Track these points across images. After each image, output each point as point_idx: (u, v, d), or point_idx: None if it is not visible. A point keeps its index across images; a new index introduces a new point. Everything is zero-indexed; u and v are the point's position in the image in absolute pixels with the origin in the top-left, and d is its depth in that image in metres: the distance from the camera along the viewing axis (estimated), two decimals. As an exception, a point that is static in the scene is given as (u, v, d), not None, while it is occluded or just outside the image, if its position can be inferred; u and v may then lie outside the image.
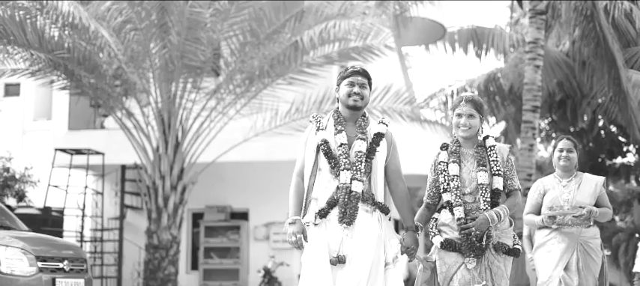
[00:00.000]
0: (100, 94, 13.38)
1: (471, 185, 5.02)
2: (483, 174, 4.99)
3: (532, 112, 13.00)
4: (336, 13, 12.16)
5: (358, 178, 4.82)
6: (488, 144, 5.10)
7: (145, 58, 12.79)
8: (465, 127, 5.02)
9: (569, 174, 6.59)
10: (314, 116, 5.11)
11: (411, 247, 4.97)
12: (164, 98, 13.18)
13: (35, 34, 11.96)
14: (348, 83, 4.99)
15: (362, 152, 4.88)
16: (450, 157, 5.09)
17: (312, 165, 4.93)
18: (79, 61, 12.49)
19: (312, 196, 4.92)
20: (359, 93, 4.96)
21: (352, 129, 4.97)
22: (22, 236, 8.69)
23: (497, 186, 5.01)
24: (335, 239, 4.79)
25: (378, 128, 5.02)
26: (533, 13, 13.17)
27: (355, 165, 4.85)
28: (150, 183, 13.33)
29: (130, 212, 16.91)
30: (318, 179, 4.93)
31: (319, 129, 5.00)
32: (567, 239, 6.41)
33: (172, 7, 12.04)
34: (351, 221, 4.78)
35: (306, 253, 4.85)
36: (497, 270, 4.96)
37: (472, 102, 5.04)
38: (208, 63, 12.93)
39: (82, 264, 8.96)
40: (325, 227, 4.84)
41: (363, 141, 4.91)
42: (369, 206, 4.87)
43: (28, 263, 8.23)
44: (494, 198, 5.00)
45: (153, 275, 13.40)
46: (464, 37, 18.56)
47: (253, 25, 12.59)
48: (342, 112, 5.04)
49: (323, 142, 4.92)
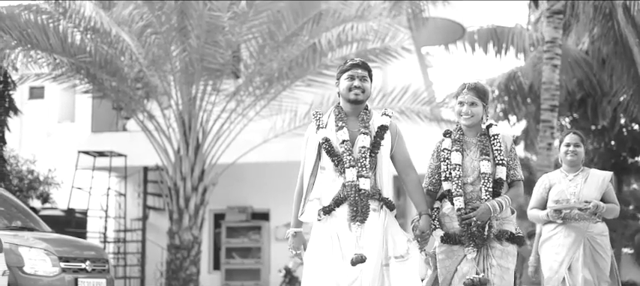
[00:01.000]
0: (122, 97, 13.58)
1: (473, 174, 4.88)
2: (486, 163, 4.84)
3: (550, 111, 13.03)
4: (354, 16, 12.25)
5: (365, 175, 4.67)
6: (492, 132, 4.95)
7: (165, 61, 12.97)
8: (467, 115, 4.88)
9: (575, 168, 6.47)
10: (314, 113, 4.95)
11: (425, 231, 4.82)
12: (185, 100, 13.35)
13: (58, 39, 12.17)
14: (348, 77, 4.83)
15: (366, 147, 4.71)
16: (453, 145, 4.94)
17: (312, 165, 4.76)
18: (101, 65, 12.69)
19: (315, 196, 4.75)
20: (360, 86, 4.80)
21: (354, 124, 4.80)
22: (45, 237, 8.88)
23: (500, 175, 4.87)
24: (345, 238, 4.65)
25: (382, 120, 4.85)
26: (550, 12, 13.19)
27: (360, 161, 4.69)
28: (171, 184, 13.50)
29: (152, 213, 17.11)
30: (321, 178, 4.77)
31: (320, 127, 4.84)
32: (574, 234, 6.29)
33: (191, 11, 12.20)
34: (364, 219, 4.64)
35: (309, 250, 4.76)
36: (502, 255, 4.83)
37: (474, 89, 4.88)
38: (228, 65, 13.09)
39: (104, 265, 9.13)
40: (327, 223, 4.71)
41: (367, 135, 4.74)
42: (376, 203, 4.75)
43: (51, 264, 8.42)
44: (497, 187, 4.86)
45: (175, 275, 13.57)
46: (484, 37, 18.60)
47: (272, 28, 12.73)
48: (344, 107, 4.88)
49: (324, 141, 4.76)
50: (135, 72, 13.24)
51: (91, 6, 12.22)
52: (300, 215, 4.78)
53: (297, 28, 12.55)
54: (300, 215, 4.78)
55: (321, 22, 12.44)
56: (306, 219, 4.79)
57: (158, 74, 13.17)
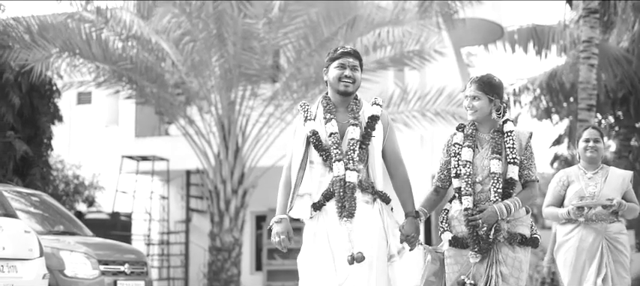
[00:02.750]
0: (163, 103, 13.89)
1: (482, 172, 4.57)
2: (496, 162, 4.51)
3: (588, 111, 12.95)
4: (388, 20, 12.36)
5: (352, 167, 4.38)
6: (506, 129, 4.61)
7: (204, 67, 13.24)
8: (470, 110, 4.61)
9: (595, 165, 6.08)
10: (301, 104, 4.63)
11: (410, 235, 4.49)
12: (224, 105, 13.60)
13: (100, 47, 12.53)
14: (338, 65, 4.51)
15: (355, 139, 4.42)
16: (465, 140, 4.64)
17: (301, 158, 4.49)
18: (142, 72, 13.02)
19: (305, 191, 4.48)
20: (350, 76, 4.50)
21: (343, 115, 4.51)
22: (86, 241, 9.17)
23: (511, 175, 4.53)
24: (336, 234, 4.37)
25: (372, 110, 4.54)
26: (586, 11, 13.12)
27: (348, 153, 4.41)
28: (212, 187, 13.77)
29: (195, 215, 17.42)
30: (311, 173, 4.49)
31: (307, 119, 4.54)
32: (592, 236, 5.91)
33: (227, 19, 12.44)
34: (351, 214, 4.35)
35: (303, 250, 4.50)
36: (513, 262, 4.51)
37: (477, 82, 4.60)
38: (265, 71, 13.30)
39: (143, 267, 9.40)
40: (320, 220, 4.45)
41: (356, 126, 4.44)
42: (368, 196, 4.46)
43: (90, 267, 8.70)
44: (508, 188, 4.54)
45: (216, 276, 13.83)
46: (524, 36, 18.53)
47: (307, 33, 12.91)
48: (332, 98, 4.57)
49: (312, 133, 4.48)
50: (175, 78, 13.54)
51: (131, 15, 12.55)
52: (289, 210, 4.49)
53: (332, 33, 12.71)
54: (289, 211, 4.49)
55: (355, 27, 12.58)
56: (295, 215, 4.50)
57: (197, 80, 13.45)
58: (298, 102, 13.75)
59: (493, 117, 4.60)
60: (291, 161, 4.58)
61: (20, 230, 7.37)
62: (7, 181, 12.03)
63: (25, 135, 12.98)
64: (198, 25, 12.63)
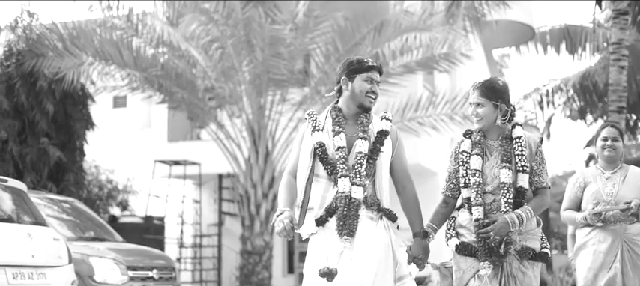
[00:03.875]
0: (193, 108, 14.06)
1: (492, 182, 4.41)
2: (506, 171, 4.37)
3: (618, 113, 12.82)
4: (415, 26, 12.39)
5: (358, 183, 4.23)
6: (514, 134, 4.45)
7: (233, 73, 13.39)
8: (476, 118, 4.46)
9: (613, 165, 5.81)
10: (309, 113, 4.47)
11: (418, 256, 4.35)
12: (254, 110, 13.73)
13: (130, 54, 12.74)
14: (367, 79, 4.37)
15: (363, 153, 4.28)
16: (473, 148, 4.48)
17: (307, 171, 4.33)
18: (172, 78, 13.20)
19: (311, 205, 4.33)
20: (376, 92, 4.40)
21: (353, 128, 4.35)
22: (115, 247, 9.35)
23: (521, 183, 4.38)
24: (333, 251, 4.21)
25: (382, 124, 4.39)
26: (616, 13, 13.01)
27: (355, 168, 4.25)
28: (242, 191, 13.91)
29: (227, 218, 17.58)
30: (315, 186, 4.34)
31: (315, 129, 4.38)
32: (610, 239, 5.66)
33: (255, 26, 12.58)
34: (352, 232, 4.19)
35: (306, 266, 4.36)
36: (524, 278, 4.36)
37: (480, 88, 4.44)
38: (293, 76, 13.41)
39: (171, 272, 9.56)
40: (322, 237, 4.29)
41: (365, 140, 4.30)
42: (374, 213, 4.31)
43: (119, 272, 8.87)
44: (519, 197, 4.37)
45: (248, 279, 13.96)
46: (556, 37, 18.42)
47: (335, 37, 12.99)
48: (345, 109, 4.42)
49: (319, 145, 4.32)
50: (205, 84, 13.71)
51: (160, 23, 12.74)
52: (299, 227, 4.32)
53: (360, 37, 12.78)
54: (299, 228, 4.31)
55: (383, 32, 12.63)
56: (304, 231, 4.34)
57: (227, 86, 13.60)
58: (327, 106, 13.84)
59: (498, 123, 4.44)
60: (293, 167, 4.45)
61: (49, 238, 7.54)
62: (42, 187, 12.30)
63: (59, 141, 13.23)
64: (226, 32, 12.78)
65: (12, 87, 12.63)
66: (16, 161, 12.24)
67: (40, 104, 12.86)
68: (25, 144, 12.59)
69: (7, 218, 7.42)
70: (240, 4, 12.83)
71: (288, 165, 4.49)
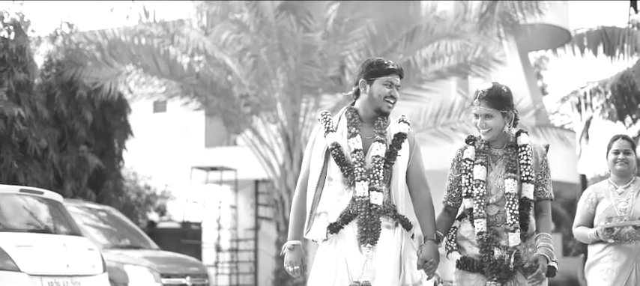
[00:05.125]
0: (229, 115, 14.25)
1: (497, 193, 4.21)
2: (511, 181, 4.17)
3: (655, 117, 12.80)
4: (448, 32, 12.42)
5: (377, 188, 4.06)
6: (520, 142, 4.25)
7: (267, 81, 13.55)
8: (484, 130, 4.22)
9: (626, 179, 5.52)
10: (323, 114, 4.28)
11: (429, 260, 4.12)
12: (288, 117, 13.88)
13: (166, 64, 12.97)
14: (386, 83, 4.18)
15: (380, 157, 4.10)
16: (477, 156, 4.26)
17: (319, 174, 4.13)
18: (207, 86, 13.40)
19: (321, 209, 4.12)
20: (395, 97, 4.22)
21: (369, 131, 4.17)
22: (150, 255, 9.57)
23: (526, 194, 4.19)
24: (354, 261, 4.02)
25: (399, 127, 4.22)
26: (652, 16, 12.94)
27: (372, 172, 4.08)
28: (277, 197, 14.06)
29: (264, 223, 17.77)
30: (328, 190, 4.13)
31: (329, 131, 4.19)
32: (624, 257, 5.39)
33: (287, 35, 12.72)
34: (375, 240, 4.03)
35: (314, 274, 4.13)
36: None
37: (488, 99, 4.18)
38: (326, 83, 13.52)
39: (204, 279, 9.75)
40: (336, 244, 4.09)
41: (382, 143, 4.12)
42: (390, 220, 4.13)
43: (153, 280, 9.08)
44: (523, 208, 4.19)
45: (283, 283, 14.10)
46: (593, 39, 18.25)
47: (367, 44, 13.07)
48: (362, 111, 4.22)
49: (334, 146, 4.12)
50: (240, 91, 13.89)
51: (195, 32, 12.96)
52: (307, 233, 4.14)
53: (392, 45, 12.85)
54: (307, 233, 4.14)
55: (414, 40, 12.68)
56: (313, 237, 4.13)
57: (261, 94, 13.76)
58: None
59: (506, 131, 4.24)
60: (305, 176, 4.24)
61: (84, 248, 7.77)
62: (81, 195, 12.59)
63: (98, 149, 13.51)
64: (259, 41, 12.96)
65: (52, 97, 12.93)
66: (56, 169, 12.53)
67: (79, 113, 13.14)
68: (65, 152, 12.88)
69: (43, 229, 7.67)
70: (274, 13, 12.99)
71: (300, 175, 4.30)
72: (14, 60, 12.00)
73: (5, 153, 11.53)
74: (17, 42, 12.11)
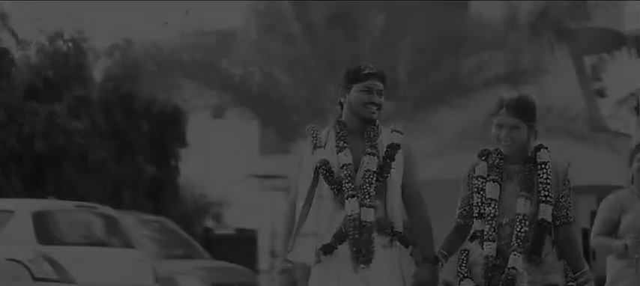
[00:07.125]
0: (281, 124, 14.50)
1: (510, 213, 3.81)
2: (523, 201, 3.78)
3: None
4: (496, 42, 12.46)
5: (368, 204, 3.77)
6: (539, 159, 3.86)
7: (317, 91, 13.77)
8: (508, 143, 3.81)
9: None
10: (310, 128, 4.03)
11: (425, 283, 3.85)
12: (339, 126, 14.04)
13: (218, 76, 13.30)
14: (364, 89, 3.89)
15: (371, 170, 3.82)
16: (490, 173, 3.87)
17: (307, 192, 3.87)
18: (259, 97, 13.69)
19: (310, 230, 3.86)
20: (377, 103, 3.91)
21: (359, 143, 3.90)
22: (201, 265, 9.90)
23: (543, 216, 3.78)
24: (350, 282, 3.79)
25: (392, 137, 3.92)
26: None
27: (363, 188, 3.79)
28: (328, 203, 14.23)
29: (318, 229, 17.96)
30: (319, 209, 3.87)
31: (317, 147, 3.93)
32: None
33: (335, 46, 12.93)
34: (369, 259, 3.76)
35: None
36: None
37: (515, 109, 3.78)
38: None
39: (253, 288, 10.05)
40: (330, 266, 3.82)
41: (374, 156, 3.84)
42: (386, 239, 3.85)
43: (203, 289, 9.41)
44: (541, 231, 3.79)
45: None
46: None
47: (415, 55, 13.19)
48: (349, 123, 3.95)
49: (322, 164, 3.87)
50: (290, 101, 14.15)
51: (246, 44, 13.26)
52: (289, 252, 3.88)
53: (438, 55, 12.94)
54: (290, 253, 3.88)
55: (462, 49, 12.75)
56: (295, 258, 3.88)
57: (312, 104, 13.98)
58: (409, 122, 14.04)
59: (530, 144, 3.87)
60: (295, 195, 3.95)
61: (136, 260, 8.12)
62: (138, 205, 13.01)
63: (155, 159, 13.92)
64: (307, 52, 13.20)
65: (110, 110, 13.37)
66: (115, 180, 12.97)
67: (136, 124, 13.57)
68: (123, 163, 13.31)
69: (96, 242, 8.05)
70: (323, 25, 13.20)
71: (290, 195, 4.01)
72: (73, 75, 12.48)
73: (66, 166, 12.00)
74: (76, 58, 12.58)
